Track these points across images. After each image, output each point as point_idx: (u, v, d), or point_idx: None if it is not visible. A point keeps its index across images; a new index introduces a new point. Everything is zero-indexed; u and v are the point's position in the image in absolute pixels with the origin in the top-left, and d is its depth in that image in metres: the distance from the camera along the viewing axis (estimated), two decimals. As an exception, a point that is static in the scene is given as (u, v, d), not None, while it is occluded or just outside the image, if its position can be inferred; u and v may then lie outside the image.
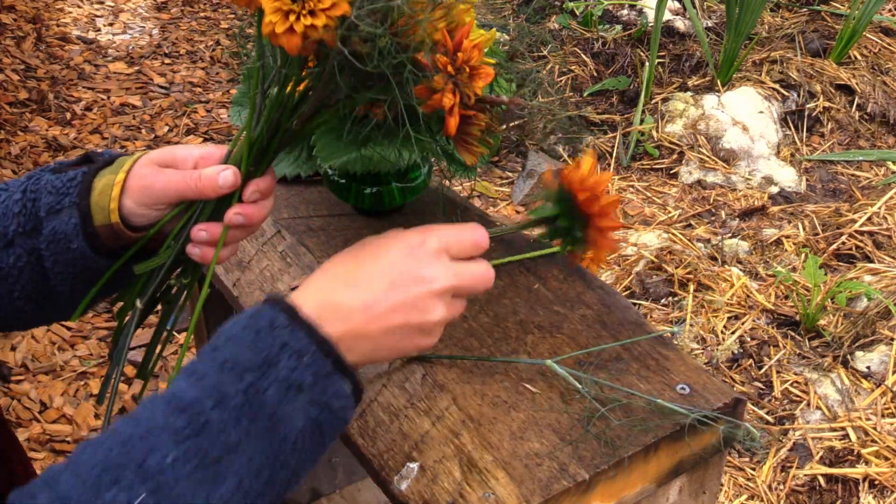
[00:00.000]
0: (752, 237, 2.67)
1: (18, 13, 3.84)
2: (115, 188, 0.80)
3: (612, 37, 3.42)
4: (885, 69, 3.41)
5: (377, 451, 0.83)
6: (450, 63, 0.75)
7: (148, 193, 0.80)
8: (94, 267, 0.81)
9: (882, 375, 2.12)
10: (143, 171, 0.80)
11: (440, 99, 0.75)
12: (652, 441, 0.83)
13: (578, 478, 0.79)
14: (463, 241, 0.76)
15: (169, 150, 0.82)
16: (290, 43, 0.70)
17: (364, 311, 0.71)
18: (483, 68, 0.77)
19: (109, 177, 0.80)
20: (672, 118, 3.14)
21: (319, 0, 0.69)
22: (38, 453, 2.01)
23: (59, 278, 0.81)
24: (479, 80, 0.76)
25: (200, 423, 0.62)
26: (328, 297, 0.71)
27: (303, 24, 0.69)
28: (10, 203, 0.81)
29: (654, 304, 2.40)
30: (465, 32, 0.76)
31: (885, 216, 2.67)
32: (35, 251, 0.80)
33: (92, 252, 0.80)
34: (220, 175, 0.79)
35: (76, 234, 0.79)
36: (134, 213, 0.80)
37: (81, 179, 0.81)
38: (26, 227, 0.80)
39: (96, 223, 0.80)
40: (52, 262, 0.80)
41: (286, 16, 0.69)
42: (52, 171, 0.83)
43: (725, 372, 2.18)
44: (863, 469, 1.92)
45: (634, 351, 0.94)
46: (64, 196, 0.80)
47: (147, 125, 3.33)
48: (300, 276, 1.06)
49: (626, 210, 2.86)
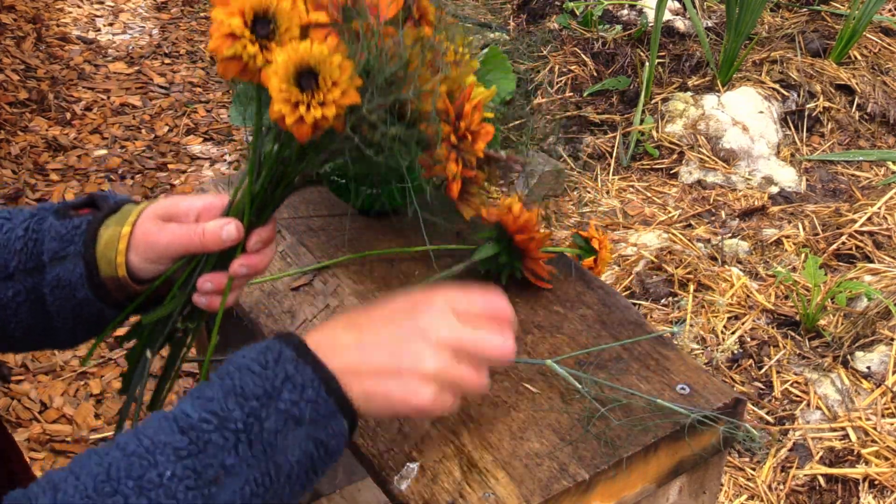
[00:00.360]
0: (752, 237, 2.67)
1: (18, 13, 3.84)
2: (122, 242, 0.80)
3: (612, 37, 3.42)
4: (885, 69, 3.41)
5: (377, 451, 0.83)
6: (452, 132, 0.75)
7: (152, 249, 0.80)
8: (100, 314, 0.83)
9: (882, 375, 2.12)
10: (146, 227, 0.81)
11: (443, 168, 0.75)
12: (652, 441, 0.83)
13: (578, 478, 0.79)
14: (473, 305, 0.75)
15: (172, 203, 0.83)
16: (300, 132, 0.70)
17: (358, 348, 0.71)
18: (483, 128, 0.77)
19: (115, 228, 0.81)
20: (672, 118, 3.14)
21: (329, 90, 0.68)
22: (38, 453, 2.01)
23: (62, 320, 0.83)
24: (481, 142, 0.77)
25: (201, 444, 0.64)
26: (329, 335, 0.73)
27: (313, 115, 0.68)
28: (13, 238, 0.82)
29: (654, 304, 2.40)
30: (467, 96, 0.76)
31: (885, 216, 2.67)
32: (35, 290, 0.81)
33: (98, 301, 0.81)
34: (223, 230, 0.79)
35: (82, 283, 0.80)
36: (139, 267, 0.81)
37: (87, 228, 0.81)
38: (27, 266, 0.81)
39: (102, 274, 0.81)
40: (56, 306, 0.82)
41: (295, 106, 0.69)
42: (56, 212, 0.83)
43: (725, 372, 2.18)
44: (863, 469, 1.92)
45: (634, 351, 0.94)
46: (69, 244, 0.81)
47: (147, 125, 3.33)
48: (300, 277, 1.07)
49: (626, 210, 2.86)
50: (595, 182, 3.01)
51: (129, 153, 3.15)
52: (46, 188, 2.91)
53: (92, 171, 3.03)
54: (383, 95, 0.71)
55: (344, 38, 0.71)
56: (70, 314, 0.82)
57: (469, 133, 0.76)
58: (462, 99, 0.76)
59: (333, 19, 0.72)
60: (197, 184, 2.98)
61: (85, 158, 3.09)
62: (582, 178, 3.02)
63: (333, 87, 0.69)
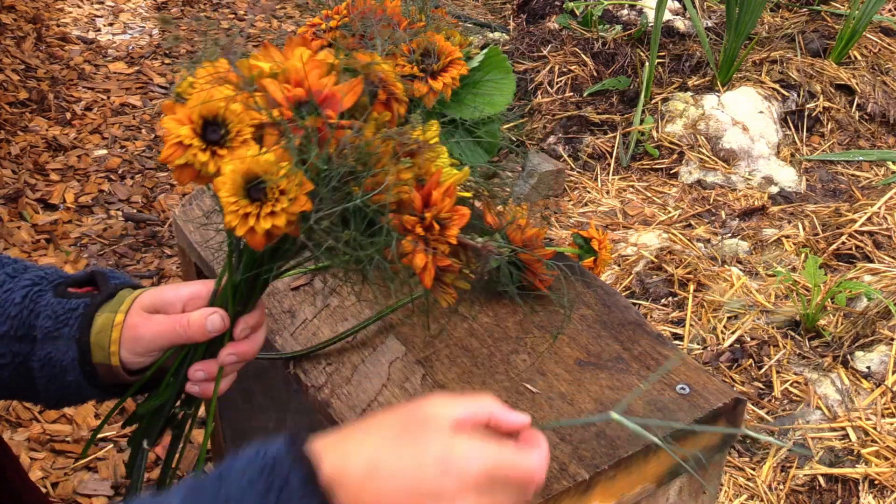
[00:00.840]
0: (752, 237, 2.67)
1: (18, 13, 3.84)
2: (115, 331, 0.80)
3: (612, 37, 3.42)
4: (885, 69, 3.41)
5: (377, 451, 0.83)
6: (418, 223, 0.71)
7: (139, 343, 0.80)
8: (88, 395, 0.83)
9: (882, 375, 2.12)
10: (133, 321, 0.81)
11: (412, 260, 0.71)
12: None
13: (578, 478, 0.79)
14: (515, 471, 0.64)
15: (158, 293, 0.82)
16: (253, 241, 0.68)
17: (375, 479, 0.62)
18: (457, 213, 0.73)
19: (109, 315, 0.81)
20: (672, 118, 3.14)
21: (278, 200, 0.66)
22: (39, 453, 2.01)
23: (46, 392, 0.83)
24: (454, 228, 0.72)
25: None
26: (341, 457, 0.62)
27: (262, 226, 0.67)
28: (10, 302, 0.82)
29: (654, 304, 2.40)
30: (434, 183, 0.72)
31: (885, 216, 2.67)
32: (22, 358, 0.81)
33: (88, 385, 0.81)
34: (207, 320, 0.79)
35: (73, 367, 0.80)
36: (128, 360, 0.81)
37: (83, 312, 0.81)
38: (18, 333, 0.81)
39: (95, 360, 0.81)
40: (44, 381, 0.81)
41: (245, 218, 0.67)
42: (56, 286, 0.83)
43: (725, 372, 2.18)
44: (863, 469, 1.92)
45: (634, 351, 0.94)
46: (63, 325, 0.81)
47: (147, 125, 3.33)
48: (300, 277, 1.07)
49: (626, 210, 2.86)
50: (595, 182, 3.01)
51: (129, 153, 3.15)
52: (46, 188, 2.91)
53: (92, 171, 3.03)
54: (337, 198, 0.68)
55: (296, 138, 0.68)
56: (57, 391, 0.82)
57: (438, 222, 0.72)
58: (430, 186, 0.72)
59: (285, 116, 0.69)
60: (197, 184, 2.98)
61: (85, 158, 3.09)
62: (582, 178, 3.02)
63: (282, 195, 0.66)
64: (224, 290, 0.80)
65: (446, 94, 0.98)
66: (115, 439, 2.06)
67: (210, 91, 0.70)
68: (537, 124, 3.19)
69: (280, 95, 0.70)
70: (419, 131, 0.74)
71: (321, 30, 1.00)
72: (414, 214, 0.71)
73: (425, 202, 0.72)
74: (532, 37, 3.52)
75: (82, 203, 2.88)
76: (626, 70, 3.32)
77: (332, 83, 0.71)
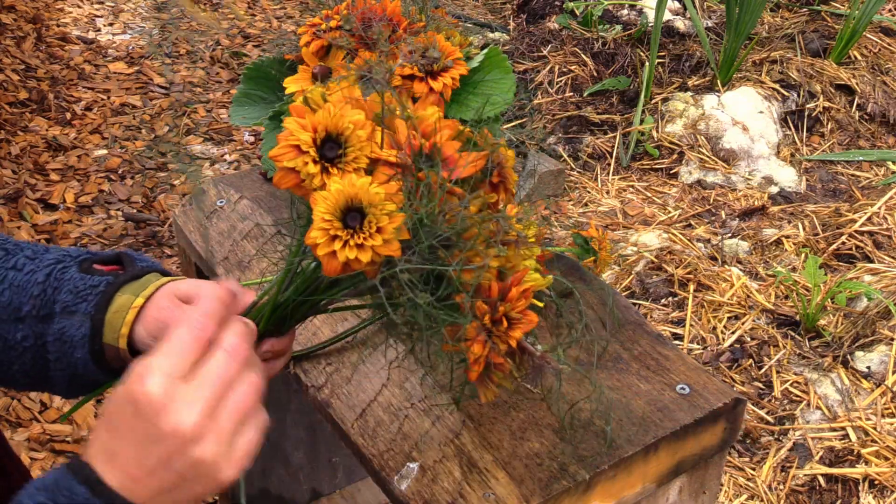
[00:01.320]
0: (752, 237, 2.67)
1: (18, 13, 3.84)
2: (130, 313, 0.79)
3: (612, 37, 3.42)
4: (885, 69, 3.41)
5: (377, 451, 0.83)
6: (489, 314, 0.69)
7: (161, 328, 0.78)
8: (93, 377, 0.81)
9: (882, 375, 2.12)
10: (162, 303, 0.79)
11: (468, 346, 0.69)
12: (652, 441, 0.83)
13: (578, 478, 0.79)
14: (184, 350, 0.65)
15: (195, 285, 0.80)
16: (329, 266, 0.67)
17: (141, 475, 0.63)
18: (526, 316, 0.71)
19: (129, 297, 0.79)
20: (672, 118, 3.14)
21: (371, 236, 0.65)
22: (39, 453, 2.01)
23: (58, 372, 0.82)
24: (518, 331, 0.70)
25: None
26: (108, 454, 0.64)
27: (346, 254, 0.65)
28: (32, 281, 0.81)
29: (654, 304, 2.40)
30: (517, 279, 0.70)
31: (885, 216, 2.67)
32: (42, 338, 0.80)
33: (94, 364, 0.80)
34: None
35: (82, 344, 0.79)
36: (143, 341, 0.79)
37: (104, 290, 0.80)
38: (40, 313, 0.80)
39: (105, 340, 0.79)
40: (55, 357, 0.80)
41: (332, 240, 0.66)
42: (81, 262, 0.82)
43: (725, 372, 2.18)
44: (863, 469, 1.92)
45: (634, 351, 0.94)
46: (82, 301, 0.79)
47: (147, 125, 3.33)
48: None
49: (626, 210, 2.86)
50: (595, 182, 3.01)
51: (129, 153, 3.15)
52: (46, 188, 2.91)
53: (92, 171, 3.03)
54: (426, 258, 0.67)
55: (408, 185, 0.68)
56: (66, 369, 0.81)
57: (507, 318, 0.70)
58: (512, 281, 0.70)
59: (404, 162, 0.69)
60: (197, 183, 2.98)
61: (85, 158, 3.09)
62: (582, 178, 3.02)
63: (377, 233, 0.65)
64: (261, 306, 0.78)
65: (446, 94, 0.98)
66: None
67: (343, 108, 0.68)
68: (537, 124, 3.19)
69: (406, 140, 0.69)
70: (521, 225, 0.72)
71: (321, 30, 1.00)
72: (487, 303, 0.69)
73: (502, 295, 0.70)
74: (532, 37, 3.52)
75: (82, 203, 2.88)
76: (626, 70, 3.32)
77: (456, 148, 0.71)
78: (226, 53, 3.86)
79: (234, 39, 4.00)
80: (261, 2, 4.36)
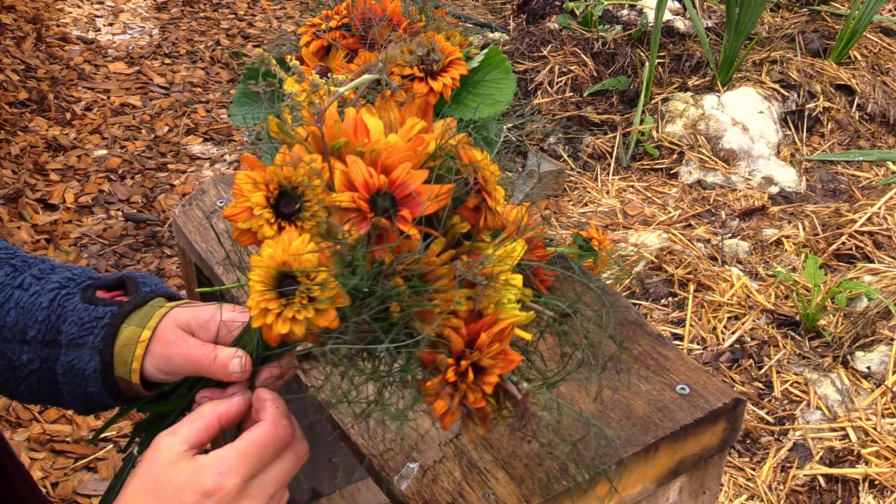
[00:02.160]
0: (752, 237, 2.67)
1: (18, 13, 3.84)
2: (139, 347, 0.79)
3: (612, 37, 3.42)
4: (885, 69, 3.41)
5: (377, 451, 0.83)
6: (453, 367, 0.61)
7: (168, 363, 0.79)
8: (108, 404, 0.82)
9: (882, 375, 2.12)
10: (167, 336, 0.79)
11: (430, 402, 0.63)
12: (652, 441, 0.83)
13: (578, 478, 0.79)
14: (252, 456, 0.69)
15: (195, 314, 0.80)
16: (267, 336, 0.63)
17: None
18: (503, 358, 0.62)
19: (135, 330, 0.80)
20: (672, 118, 3.14)
21: (304, 307, 0.60)
22: (39, 453, 2.01)
23: (72, 398, 0.82)
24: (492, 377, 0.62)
25: None
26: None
27: (279, 328, 0.61)
28: (37, 306, 0.81)
29: (654, 304, 2.40)
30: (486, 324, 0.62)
31: (885, 216, 2.67)
32: (49, 363, 0.81)
33: (109, 396, 0.81)
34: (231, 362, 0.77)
35: (95, 378, 0.80)
36: (152, 374, 0.80)
37: (109, 321, 0.80)
38: (45, 338, 0.81)
39: (117, 374, 0.80)
40: (67, 387, 0.81)
41: (265, 312, 0.61)
42: (84, 289, 0.82)
43: (725, 372, 2.18)
44: (863, 469, 1.92)
45: (634, 351, 0.94)
46: (88, 333, 0.80)
47: (147, 125, 3.33)
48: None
49: (626, 210, 2.86)
50: (595, 182, 3.01)
51: (129, 153, 3.15)
52: (46, 188, 2.91)
53: (92, 171, 3.03)
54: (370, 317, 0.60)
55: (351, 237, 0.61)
56: (80, 398, 0.82)
57: (476, 368, 0.61)
58: (480, 325, 0.62)
59: (357, 206, 0.62)
60: (197, 183, 2.98)
61: (85, 158, 3.09)
62: (582, 178, 3.02)
63: (310, 302, 0.59)
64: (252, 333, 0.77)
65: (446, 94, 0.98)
66: (115, 439, 2.06)
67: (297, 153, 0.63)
68: (537, 124, 3.19)
69: (360, 179, 0.62)
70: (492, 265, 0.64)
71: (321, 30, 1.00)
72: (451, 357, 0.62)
73: (469, 342, 0.62)
74: (532, 37, 3.52)
75: (82, 203, 2.88)
76: (626, 70, 3.32)
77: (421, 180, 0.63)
78: (226, 53, 3.86)
79: (234, 39, 4.00)
80: (261, 2, 4.36)
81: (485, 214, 0.66)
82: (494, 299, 0.63)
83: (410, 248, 0.62)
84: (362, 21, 0.97)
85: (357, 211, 0.62)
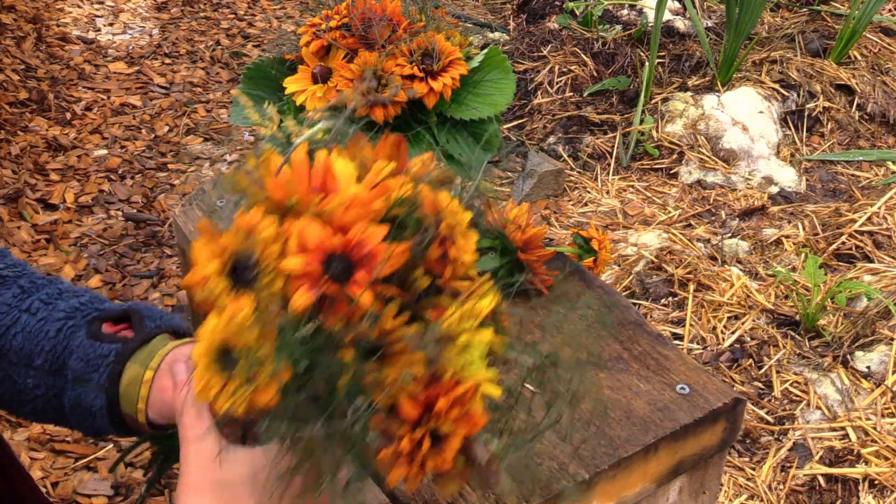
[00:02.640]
0: (752, 237, 2.67)
1: (18, 13, 3.84)
2: (143, 388, 0.79)
3: (612, 37, 3.42)
4: (885, 69, 3.41)
5: (377, 451, 0.83)
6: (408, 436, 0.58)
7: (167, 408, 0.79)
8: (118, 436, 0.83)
9: (882, 375, 2.12)
10: (163, 383, 0.79)
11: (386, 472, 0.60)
12: (652, 441, 0.83)
13: (578, 478, 0.79)
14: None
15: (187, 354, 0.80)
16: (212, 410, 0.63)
17: None
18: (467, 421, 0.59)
19: (138, 370, 0.80)
20: (672, 118, 3.14)
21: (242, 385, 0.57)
22: (39, 453, 2.01)
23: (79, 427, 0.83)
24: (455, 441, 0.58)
25: None
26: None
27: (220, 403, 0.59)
28: (44, 336, 0.81)
29: (653, 304, 2.40)
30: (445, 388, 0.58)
31: (885, 216, 2.67)
32: (55, 391, 0.81)
33: (116, 430, 0.81)
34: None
35: (102, 415, 0.80)
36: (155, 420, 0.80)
37: (113, 360, 0.80)
38: (52, 368, 0.81)
39: (123, 411, 0.80)
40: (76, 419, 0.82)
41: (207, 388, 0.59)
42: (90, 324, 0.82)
43: (725, 372, 2.18)
44: (863, 469, 1.92)
45: (634, 351, 0.94)
46: (93, 371, 0.80)
47: (147, 125, 3.33)
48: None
49: (626, 210, 2.86)
50: (595, 182, 3.01)
51: (129, 153, 3.15)
52: (46, 188, 2.91)
53: (92, 171, 3.03)
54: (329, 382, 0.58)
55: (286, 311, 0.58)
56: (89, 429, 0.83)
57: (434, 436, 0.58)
58: (438, 390, 0.58)
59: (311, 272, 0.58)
60: (197, 183, 2.99)
61: (85, 158, 3.09)
62: (582, 178, 3.02)
63: (248, 382, 0.57)
64: None
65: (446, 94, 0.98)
66: (115, 440, 2.06)
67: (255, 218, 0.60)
68: (537, 124, 3.20)
69: (314, 241, 0.58)
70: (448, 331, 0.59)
71: (321, 30, 1.00)
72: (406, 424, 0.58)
73: (425, 408, 0.58)
74: (532, 37, 3.52)
75: (82, 203, 2.88)
76: (626, 70, 3.32)
77: (379, 238, 0.58)
78: (226, 53, 3.86)
79: (234, 39, 4.00)
80: (261, 2, 4.36)
81: (450, 266, 0.62)
82: (455, 363, 0.59)
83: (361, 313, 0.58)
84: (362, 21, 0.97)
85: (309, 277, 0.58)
